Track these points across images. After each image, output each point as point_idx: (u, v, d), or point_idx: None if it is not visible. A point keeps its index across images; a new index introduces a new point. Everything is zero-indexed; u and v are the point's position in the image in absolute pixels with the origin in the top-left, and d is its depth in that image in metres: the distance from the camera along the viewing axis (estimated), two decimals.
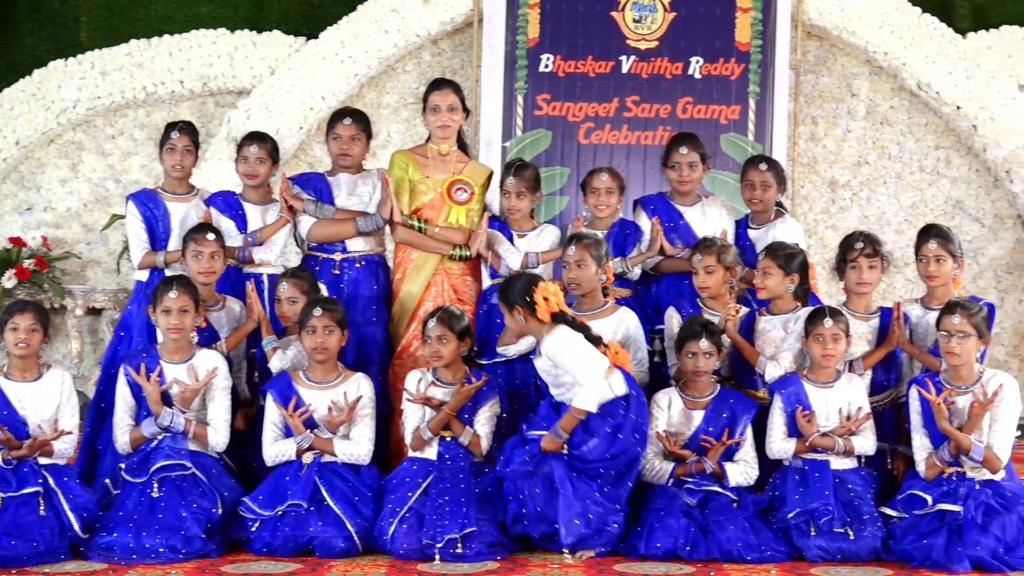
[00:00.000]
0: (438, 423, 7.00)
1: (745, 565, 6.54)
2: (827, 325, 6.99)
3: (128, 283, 10.21)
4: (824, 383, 7.07)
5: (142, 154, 11.86)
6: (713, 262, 7.43)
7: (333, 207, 7.88)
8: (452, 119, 7.92)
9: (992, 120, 11.50)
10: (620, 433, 6.75)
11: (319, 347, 7.09)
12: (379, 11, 11.59)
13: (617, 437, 6.75)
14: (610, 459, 6.76)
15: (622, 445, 6.76)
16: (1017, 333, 11.91)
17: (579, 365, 6.77)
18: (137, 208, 7.92)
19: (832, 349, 7.00)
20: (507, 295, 6.93)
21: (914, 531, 6.62)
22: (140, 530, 6.59)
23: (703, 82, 11.37)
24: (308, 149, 11.74)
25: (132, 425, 7.09)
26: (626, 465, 6.81)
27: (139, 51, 11.77)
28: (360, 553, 6.70)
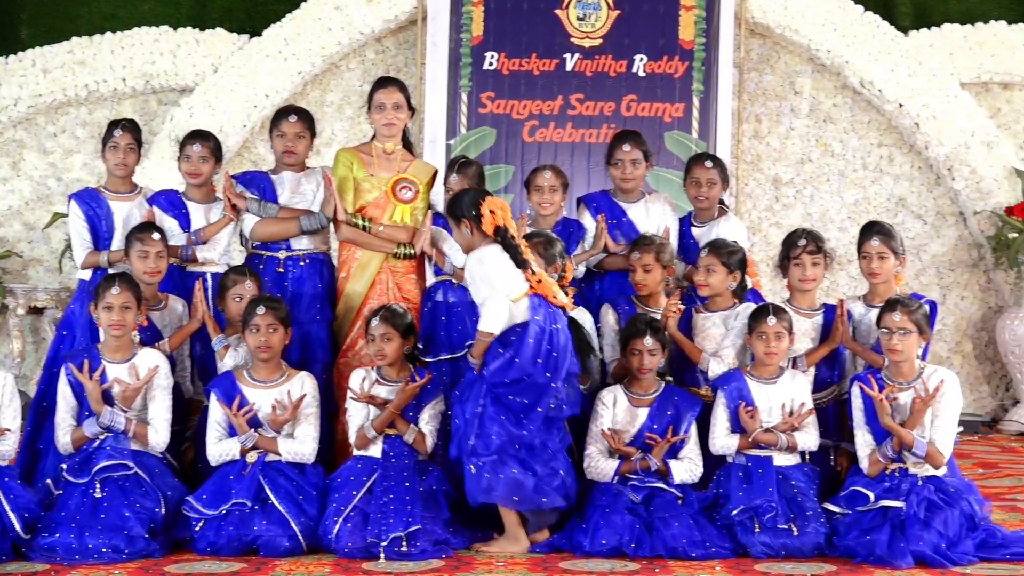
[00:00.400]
0: (382, 421, 7.00)
1: (690, 562, 6.56)
2: (770, 323, 7.03)
3: (71, 282, 10.17)
4: (767, 379, 7.11)
5: (84, 152, 11.80)
6: (651, 260, 7.47)
7: (277, 206, 7.87)
8: (397, 117, 7.90)
9: (934, 118, 11.58)
10: (517, 358, 6.71)
11: (262, 346, 7.08)
12: (323, 8, 11.57)
13: (514, 362, 6.71)
14: (509, 383, 6.73)
15: (518, 371, 6.71)
16: (959, 330, 12.00)
17: (487, 285, 6.78)
18: (80, 207, 7.91)
19: (775, 347, 7.05)
20: (456, 207, 6.92)
21: (857, 527, 6.65)
22: (83, 530, 6.56)
23: (647, 80, 11.39)
24: (252, 147, 11.71)
25: (74, 425, 7.05)
26: (530, 394, 6.77)
27: (81, 49, 11.71)
28: (305, 552, 6.70)
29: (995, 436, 11.13)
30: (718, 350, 7.33)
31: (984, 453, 10.07)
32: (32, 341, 11.52)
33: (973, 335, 12.01)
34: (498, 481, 6.68)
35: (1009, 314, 11.54)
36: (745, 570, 6.44)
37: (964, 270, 12.00)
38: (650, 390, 7.20)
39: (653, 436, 7.05)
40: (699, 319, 7.49)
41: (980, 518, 6.79)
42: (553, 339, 6.79)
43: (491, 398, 6.77)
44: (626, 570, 6.44)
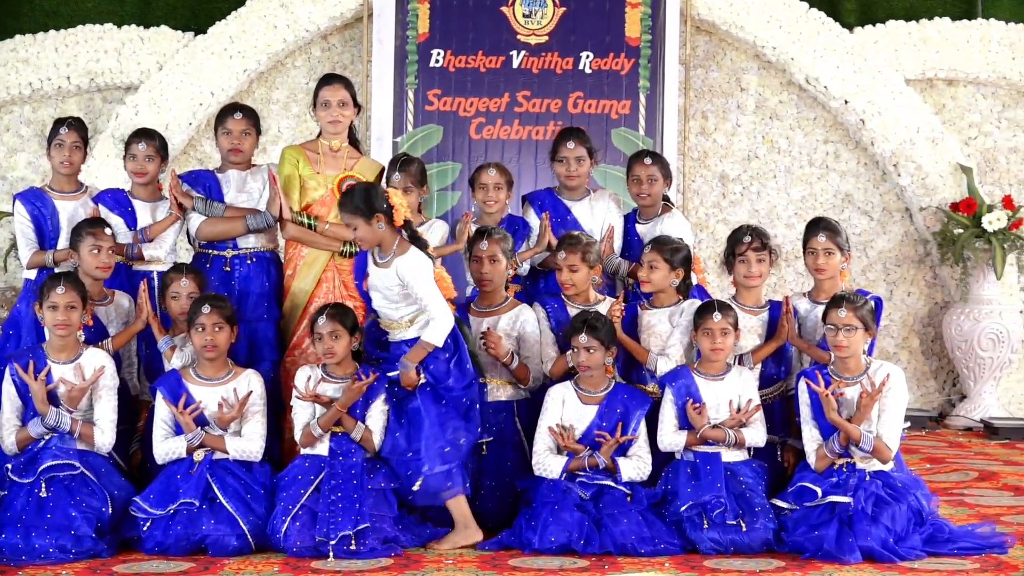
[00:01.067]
0: (328, 420, 6.98)
1: (639, 558, 6.59)
2: (716, 319, 7.07)
3: (16, 281, 10.14)
4: (714, 376, 7.15)
5: (28, 151, 11.75)
6: (577, 260, 7.47)
7: (223, 205, 7.85)
8: (343, 114, 7.89)
9: (879, 114, 11.64)
10: (466, 363, 6.94)
11: (208, 344, 7.06)
12: (268, 6, 11.54)
13: (465, 367, 6.93)
14: (465, 388, 6.94)
15: (471, 373, 6.97)
16: (906, 325, 12.07)
17: (433, 296, 6.88)
18: (25, 207, 7.88)
19: (721, 343, 7.09)
20: (367, 202, 6.90)
21: (805, 523, 6.70)
22: (29, 530, 6.54)
23: (593, 77, 11.41)
24: (197, 145, 11.68)
25: (19, 425, 7.02)
26: (474, 393, 7.02)
27: (24, 46, 11.65)
28: (253, 551, 6.70)
29: (942, 431, 11.20)
30: (664, 348, 7.35)
31: (931, 448, 10.13)
32: None
33: (920, 331, 12.09)
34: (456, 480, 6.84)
35: (955, 309, 11.62)
36: (694, 566, 6.47)
37: (910, 266, 12.07)
38: (599, 388, 7.22)
39: (603, 434, 7.07)
40: (644, 316, 7.51)
41: (927, 513, 6.85)
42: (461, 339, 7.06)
43: (442, 403, 6.90)
44: (575, 567, 6.45)
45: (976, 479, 8.78)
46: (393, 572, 6.36)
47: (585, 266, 7.49)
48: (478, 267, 7.48)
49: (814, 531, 6.63)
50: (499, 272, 7.47)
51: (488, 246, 7.44)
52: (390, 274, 6.93)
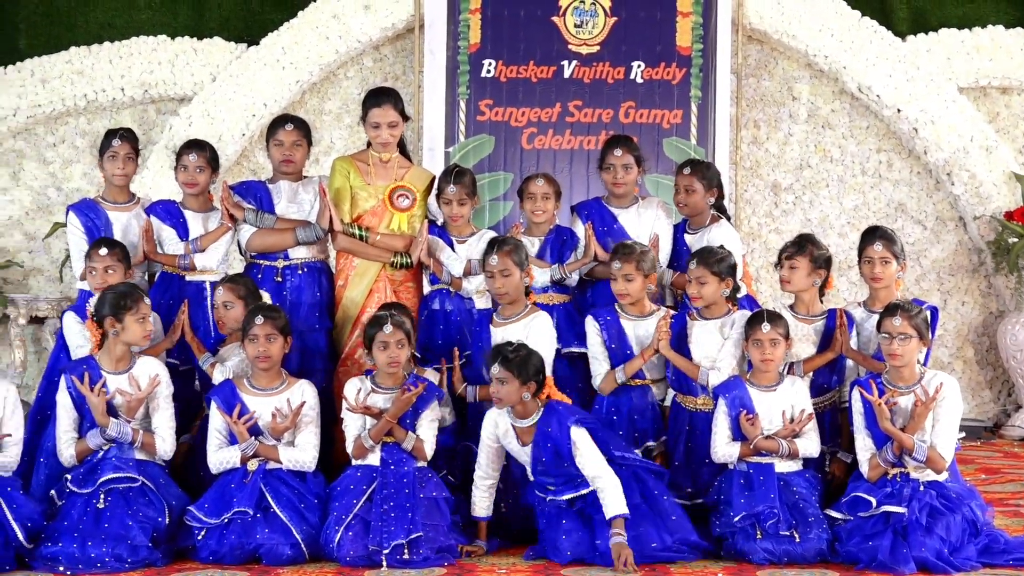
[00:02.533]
0: (379, 431, 6.99)
1: (686, 564, 6.64)
2: (765, 330, 7.04)
3: (71, 291, 10.22)
4: (766, 387, 7.13)
5: (83, 162, 11.83)
6: (632, 269, 7.42)
7: (273, 216, 7.91)
8: (392, 135, 7.93)
9: (932, 123, 11.60)
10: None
11: (262, 355, 7.09)
12: (320, 17, 11.60)
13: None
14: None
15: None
16: (960, 335, 12.03)
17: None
18: (79, 219, 7.93)
19: (771, 353, 7.05)
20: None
21: (859, 533, 6.68)
22: (86, 540, 6.58)
23: (645, 86, 11.41)
24: (250, 156, 11.74)
25: (76, 437, 7.06)
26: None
27: (79, 58, 11.74)
28: (307, 560, 6.72)
29: (997, 441, 11.16)
30: (716, 361, 7.31)
31: (986, 458, 10.09)
32: (34, 351, 11.55)
33: (974, 340, 12.05)
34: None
35: (1010, 319, 11.57)
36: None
37: (964, 275, 12.03)
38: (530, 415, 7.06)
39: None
40: (694, 327, 7.44)
41: (982, 523, 6.81)
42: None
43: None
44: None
45: None
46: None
47: (640, 275, 7.45)
48: (492, 282, 7.44)
49: (868, 541, 6.60)
50: (513, 284, 7.41)
51: (499, 260, 7.37)
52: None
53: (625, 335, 7.46)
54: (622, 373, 7.41)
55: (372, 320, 7.24)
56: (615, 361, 7.47)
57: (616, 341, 7.45)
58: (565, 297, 7.91)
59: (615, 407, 7.49)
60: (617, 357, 7.45)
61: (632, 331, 7.48)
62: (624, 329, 7.47)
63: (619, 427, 7.42)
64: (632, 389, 7.50)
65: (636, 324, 7.48)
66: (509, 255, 7.38)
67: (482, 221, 10.65)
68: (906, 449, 6.75)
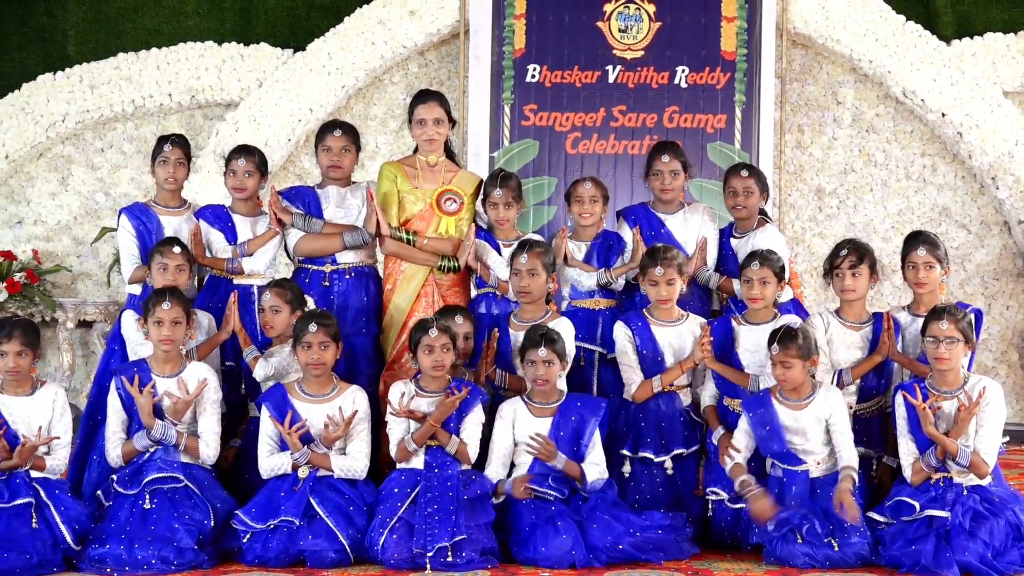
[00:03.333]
0: (423, 435, 7.00)
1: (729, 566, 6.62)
2: (775, 351, 6.98)
3: (119, 296, 10.27)
4: (795, 401, 7.06)
5: (131, 167, 11.89)
6: (675, 274, 7.43)
7: (321, 221, 7.92)
8: (438, 132, 7.94)
9: (977, 127, 11.55)
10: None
11: (315, 362, 7.09)
12: (366, 23, 11.63)
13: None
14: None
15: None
16: (1004, 339, 11.97)
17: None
18: (130, 222, 7.94)
19: (781, 374, 7.00)
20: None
21: (902, 537, 6.64)
22: (132, 542, 6.61)
23: (689, 91, 11.40)
24: (296, 161, 11.78)
25: (124, 438, 7.11)
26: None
27: (127, 64, 11.80)
28: (352, 564, 6.72)
29: None
30: (765, 367, 7.25)
31: None
32: (82, 355, 11.61)
33: (1019, 344, 11.98)
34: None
35: None
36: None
37: (1009, 279, 11.97)
38: (551, 399, 7.19)
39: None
40: (741, 332, 7.42)
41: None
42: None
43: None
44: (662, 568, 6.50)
45: None
46: None
47: (680, 279, 7.47)
48: (517, 280, 7.48)
49: (911, 545, 6.56)
50: (538, 285, 7.46)
51: (528, 259, 7.44)
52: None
53: (656, 341, 7.45)
54: (659, 383, 7.40)
55: (418, 324, 7.26)
56: (645, 367, 7.47)
57: (648, 347, 7.43)
58: (611, 302, 7.91)
59: (642, 413, 7.48)
60: (648, 363, 7.46)
61: (663, 337, 7.47)
62: (655, 336, 7.46)
63: (647, 434, 7.41)
64: (660, 396, 7.48)
65: (667, 330, 7.48)
66: (539, 256, 7.46)
67: (527, 225, 10.64)
68: (949, 453, 6.71)
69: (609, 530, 6.72)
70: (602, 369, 7.74)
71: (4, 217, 11.93)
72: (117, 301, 10.78)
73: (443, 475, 6.92)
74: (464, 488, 6.90)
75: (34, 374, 7.09)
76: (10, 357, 6.92)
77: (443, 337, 7.09)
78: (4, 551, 6.50)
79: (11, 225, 11.92)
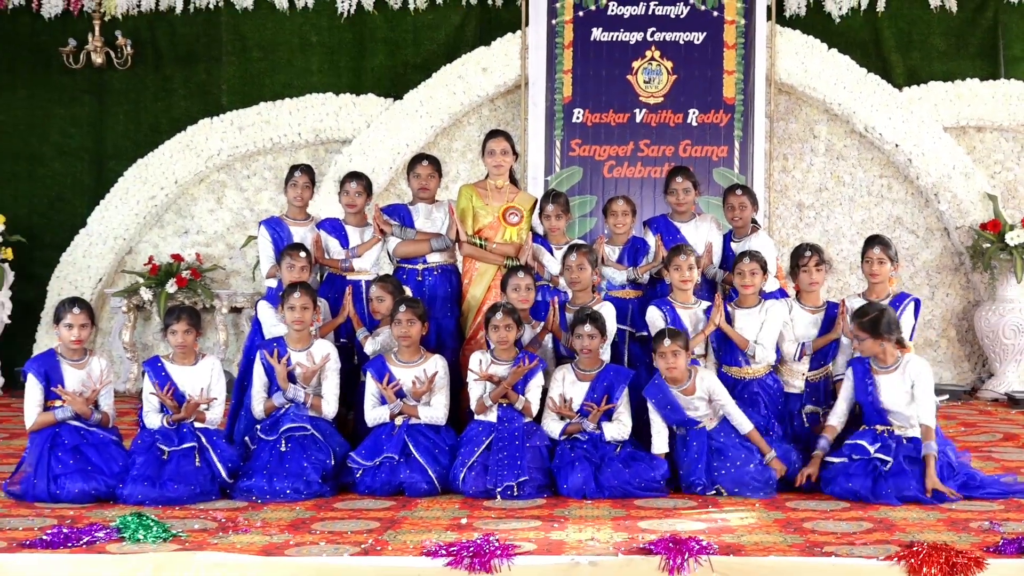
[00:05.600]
0: (497, 394, 7.03)
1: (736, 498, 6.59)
2: (666, 344, 6.95)
3: (261, 288, 10.28)
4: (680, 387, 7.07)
5: (270, 190, 11.93)
6: (694, 261, 7.44)
7: (414, 230, 7.95)
8: (504, 160, 7.98)
9: (923, 155, 11.45)
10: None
11: (404, 335, 7.17)
12: (449, 77, 11.63)
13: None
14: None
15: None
16: (945, 319, 11.86)
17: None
18: (267, 231, 8.01)
19: (673, 362, 6.94)
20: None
21: (843, 474, 6.63)
22: (272, 476, 6.70)
23: (699, 128, 11.34)
24: (396, 184, 11.79)
25: (265, 397, 7.19)
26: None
27: (267, 111, 11.85)
28: (439, 493, 6.79)
29: (974, 402, 10.94)
30: (757, 339, 7.29)
31: (965, 415, 9.92)
32: (233, 333, 11.67)
33: (956, 324, 11.87)
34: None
35: (984, 307, 11.42)
36: (778, 506, 6.44)
37: (948, 273, 11.86)
38: (592, 367, 7.18)
39: (591, 404, 7.05)
40: (736, 314, 7.41)
41: (957, 464, 6.76)
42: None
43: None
44: (687, 506, 6.46)
45: (1001, 439, 8.59)
46: (545, 509, 6.40)
47: (696, 267, 7.47)
48: (569, 274, 7.50)
49: (848, 482, 6.56)
50: (586, 277, 7.48)
51: (577, 258, 7.46)
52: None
53: (680, 320, 7.42)
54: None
55: (490, 309, 7.31)
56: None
57: (674, 325, 7.38)
58: (639, 292, 7.88)
59: None
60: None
61: (685, 316, 7.44)
62: (679, 316, 7.43)
63: None
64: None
65: (686, 311, 7.45)
66: (585, 255, 7.48)
67: (573, 233, 10.61)
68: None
69: (616, 475, 6.72)
70: (631, 345, 7.72)
71: (174, 228, 12.00)
72: (260, 292, 10.82)
73: (511, 427, 6.96)
74: (527, 438, 6.93)
75: (197, 348, 7.16)
76: (180, 335, 7.00)
77: (507, 319, 7.12)
78: (175, 483, 6.58)
79: (179, 235, 11.99)
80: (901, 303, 7.35)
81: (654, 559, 5.29)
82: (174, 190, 11.83)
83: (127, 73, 12.07)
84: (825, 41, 11.63)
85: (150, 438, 6.84)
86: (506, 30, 11.72)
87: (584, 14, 11.43)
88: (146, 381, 7.02)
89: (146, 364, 7.09)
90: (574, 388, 7.15)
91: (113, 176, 11.94)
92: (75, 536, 5.63)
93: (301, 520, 6.13)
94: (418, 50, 12.03)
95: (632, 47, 11.43)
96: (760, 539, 5.66)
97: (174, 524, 5.92)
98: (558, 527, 5.93)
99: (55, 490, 6.55)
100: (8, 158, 12.25)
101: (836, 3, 11.87)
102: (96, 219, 11.83)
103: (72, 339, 6.92)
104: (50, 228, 12.10)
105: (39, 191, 12.24)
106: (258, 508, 6.45)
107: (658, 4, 11.43)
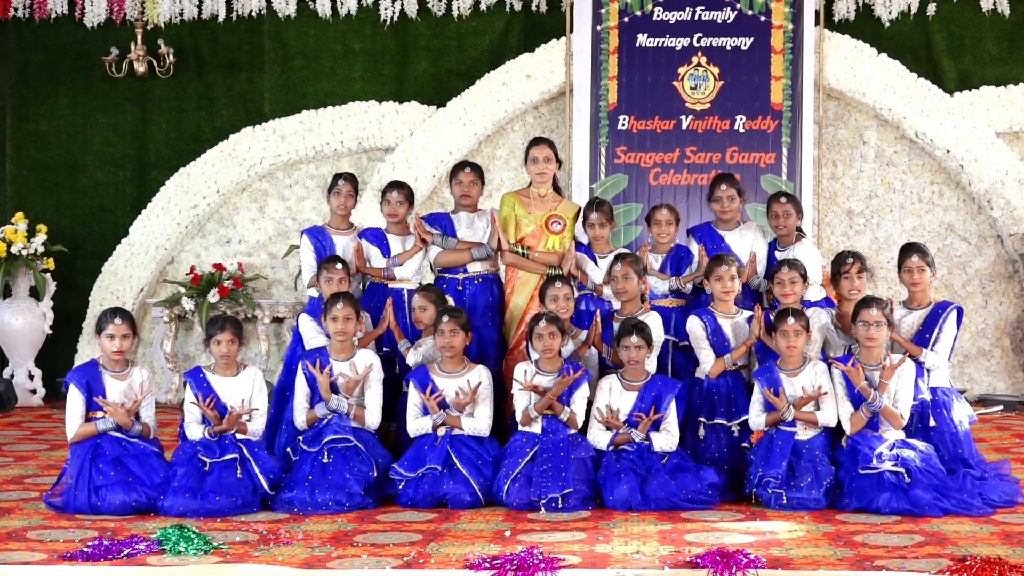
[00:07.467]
0: (542, 405, 7.02)
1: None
2: (790, 323, 7.00)
3: (303, 298, 10.33)
4: (791, 370, 7.09)
5: (312, 198, 11.98)
6: (736, 271, 7.45)
7: (455, 239, 7.98)
8: (547, 168, 7.98)
9: (975, 160, 11.37)
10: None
11: (447, 345, 7.16)
12: (492, 84, 11.65)
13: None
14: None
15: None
16: (998, 328, 11.76)
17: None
18: (310, 240, 8.04)
19: (794, 341, 7.00)
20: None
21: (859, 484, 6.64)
22: (314, 488, 6.70)
23: (746, 135, 11.32)
24: (439, 193, 11.81)
25: (308, 408, 7.20)
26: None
27: (309, 119, 11.91)
28: (482, 505, 6.77)
29: None
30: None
31: (1021, 427, 9.83)
32: (275, 343, 11.73)
33: (1010, 332, 11.76)
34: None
35: None
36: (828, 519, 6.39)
37: (1002, 281, 11.76)
38: (639, 378, 7.16)
39: (640, 414, 7.01)
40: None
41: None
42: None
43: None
44: (732, 518, 6.42)
45: None
46: (590, 521, 6.39)
47: (737, 279, 7.46)
48: (615, 284, 7.51)
49: (867, 496, 6.56)
50: (632, 287, 7.47)
51: (623, 267, 7.47)
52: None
53: (722, 330, 7.41)
54: (729, 360, 7.35)
55: (533, 318, 7.29)
56: (715, 349, 7.41)
57: (716, 335, 7.40)
58: (682, 302, 7.87)
59: (715, 388, 7.39)
60: (717, 347, 7.41)
61: (726, 326, 7.43)
62: (721, 325, 7.41)
63: (720, 404, 7.35)
64: (728, 374, 7.41)
65: (728, 321, 7.44)
66: (631, 265, 7.49)
67: (618, 242, 10.57)
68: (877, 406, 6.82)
69: (663, 487, 6.68)
70: (675, 354, 7.71)
71: (216, 238, 12.07)
72: (302, 302, 10.86)
73: (556, 438, 6.94)
74: (572, 449, 6.90)
75: (238, 359, 7.19)
76: (224, 344, 7.03)
77: (551, 327, 7.11)
78: (216, 495, 6.60)
79: (221, 244, 12.06)
80: (943, 311, 7.30)
81: (701, 573, 5.27)
82: (216, 199, 11.90)
83: (169, 82, 12.17)
84: (874, 46, 11.58)
85: (191, 449, 6.86)
86: (550, 36, 11.73)
87: (629, 20, 11.43)
88: (187, 392, 7.06)
89: (187, 375, 7.13)
90: (621, 398, 7.13)
91: (155, 185, 12.04)
92: (116, 548, 5.67)
93: (343, 532, 6.14)
94: (462, 57, 12.07)
95: (678, 53, 11.42)
96: (809, 552, 5.62)
97: (215, 536, 5.95)
98: (603, 540, 5.92)
99: (96, 502, 6.59)
100: (51, 168, 12.37)
101: (886, 7, 11.81)
102: (138, 228, 11.92)
103: (114, 350, 6.97)
104: (92, 238, 12.21)
105: (81, 201, 12.35)
106: (300, 520, 6.46)
107: (704, 9, 11.42)
